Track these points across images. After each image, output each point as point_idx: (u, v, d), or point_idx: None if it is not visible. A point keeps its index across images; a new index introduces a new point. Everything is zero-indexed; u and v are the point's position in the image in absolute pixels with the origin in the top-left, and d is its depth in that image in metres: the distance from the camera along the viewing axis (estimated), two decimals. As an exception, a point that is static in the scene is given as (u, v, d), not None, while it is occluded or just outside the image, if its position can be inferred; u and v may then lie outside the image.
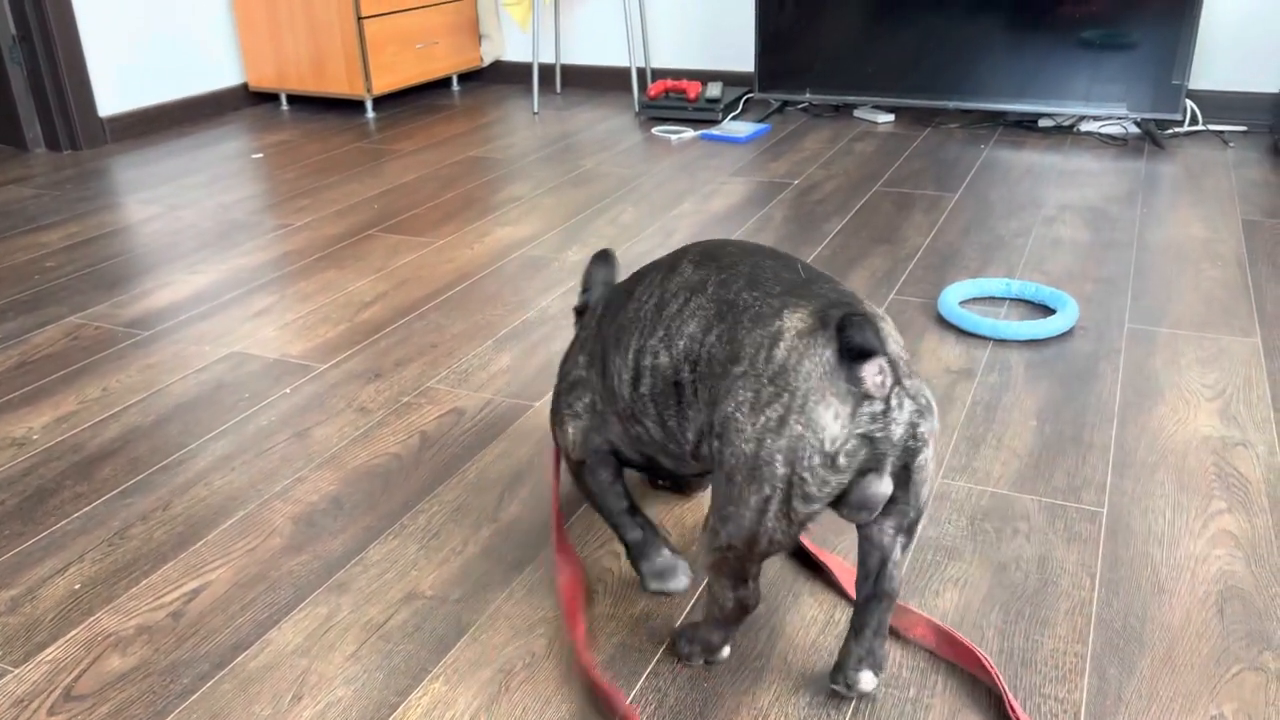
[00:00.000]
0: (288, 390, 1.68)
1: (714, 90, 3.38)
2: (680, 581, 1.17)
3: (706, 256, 1.05)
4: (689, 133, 3.23)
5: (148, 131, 3.42)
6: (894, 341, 0.93)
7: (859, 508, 0.91)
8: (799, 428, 0.87)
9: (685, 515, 1.34)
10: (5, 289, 2.14)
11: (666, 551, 1.18)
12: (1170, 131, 3.09)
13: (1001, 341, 1.78)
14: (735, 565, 0.96)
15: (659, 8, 3.77)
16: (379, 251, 2.30)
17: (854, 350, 0.86)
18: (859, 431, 0.87)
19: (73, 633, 1.15)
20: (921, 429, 0.90)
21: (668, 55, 3.82)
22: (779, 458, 0.88)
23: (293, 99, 3.83)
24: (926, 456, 0.92)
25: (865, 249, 2.22)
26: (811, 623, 1.14)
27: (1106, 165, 2.80)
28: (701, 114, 3.35)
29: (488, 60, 4.04)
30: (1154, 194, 2.54)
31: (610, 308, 1.15)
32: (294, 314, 1.98)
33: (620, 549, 1.27)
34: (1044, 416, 1.54)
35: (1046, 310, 1.90)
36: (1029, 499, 1.35)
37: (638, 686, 1.05)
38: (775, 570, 1.22)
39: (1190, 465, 1.41)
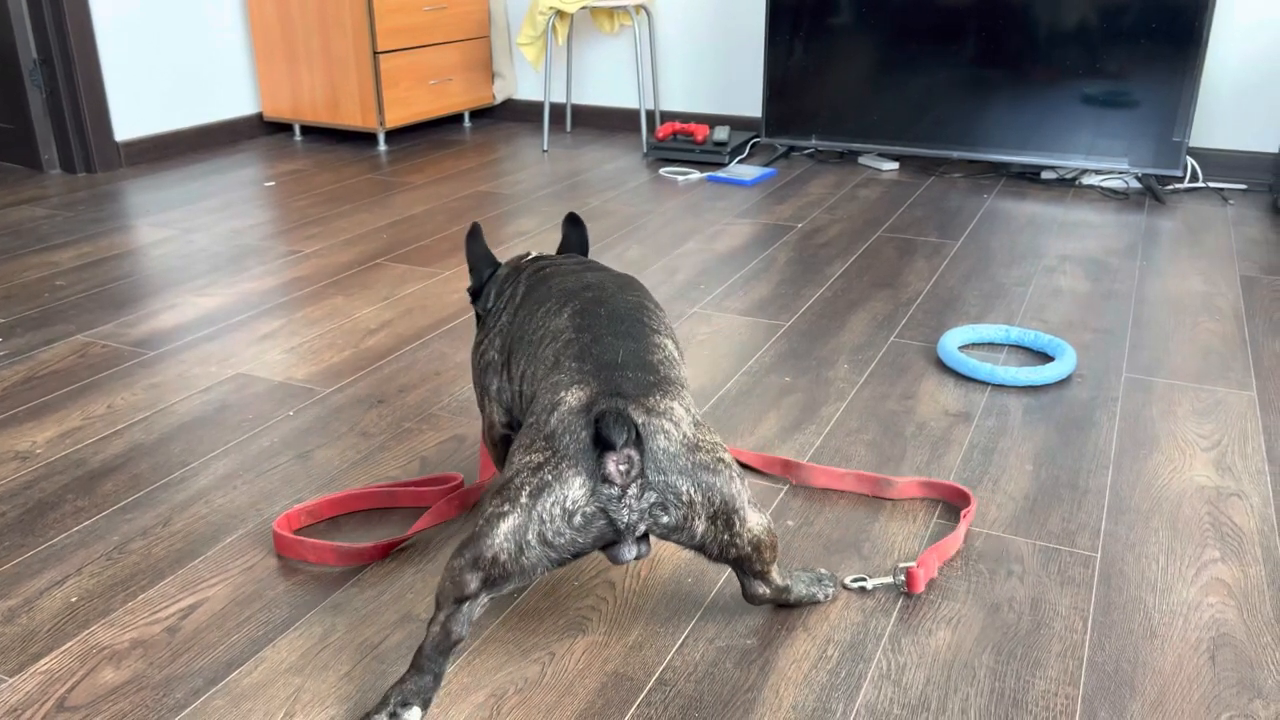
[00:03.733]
0: (291, 413, 1.70)
1: (721, 134, 3.43)
2: None
3: (582, 312, 1.21)
4: (695, 174, 3.28)
5: (162, 157, 3.47)
6: (666, 439, 1.05)
7: (613, 561, 1.07)
8: (550, 477, 1.03)
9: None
10: (16, 306, 2.17)
11: None
12: (1171, 187, 3.13)
13: (1000, 387, 1.79)
14: (460, 580, 1.04)
15: (669, 52, 3.84)
16: (386, 280, 2.33)
17: (601, 441, 1.01)
18: (596, 505, 1.02)
19: (68, 645, 1.16)
20: (664, 519, 1.04)
21: (677, 98, 3.88)
22: (525, 491, 1.03)
23: (306, 130, 3.88)
24: (689, 534, 1.06)
25: (867, 293, 2.25)
26: (804, 658, 1.14)
27: (1107, 218, 2.83)
28: (708, 156, 3.40)
29: (500, 98, 4.10)
30: (1154, 247, 2.57)
31: (520, 310, 1.30)
32: (300, 338, 2.00)
33: (615, 579, 1.27)
34: (1040, 461, 1.55)
35: (1045, 358, 1.92)
36: (1023, 542, 1.35)
37: (629, 715, 1.06)
38: (769, 607, 1.22)
39: (1185, 514, 1.42)
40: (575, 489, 1.02)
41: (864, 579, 1.26)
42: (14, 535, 1.36)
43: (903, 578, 1.25)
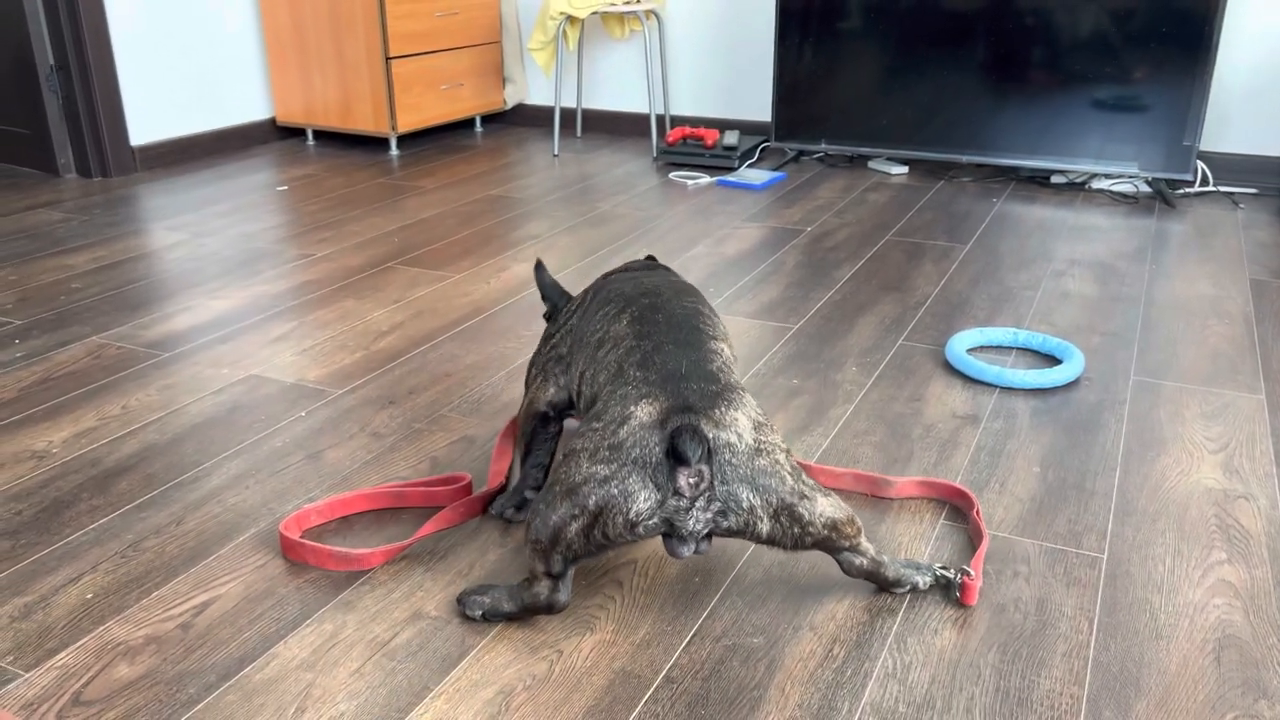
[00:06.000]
0: (303, 414, 1.71)
1: (731, 138, 3.44)
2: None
3: (640, 319, 1.27)
4: (705, 179, 3.29)
5: (177, 161, 3.50)
6: (732, 452, 1.10)
7: (672, 555, 1.13)
8: (615, 490, 1.08)
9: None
10: (32, 308, 2.19)
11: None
12: (1181, 191, 3.13)
13: (1007, 389, 1.80)
14: (542, 556, 1.14)
15: (680, 57, 3.85)
16: (397, 283, 2.34)
17: (675, 456, 1.06)
18: (662, 515, 1.08)
19: (83, 640, 1.17)
20: (725, 524, 1.10)
21: (687, 103, 3.89)
22: (593, 498, 1.09)
23: (319, 134, 3.91)
24: (755, 533, 1.12)
25: (875, 296, 2.26)
26: (810, 656, 1.15)
27: (1117, 222, 2.83)
28: (718, 161, 3.41)
29: (511, 103, 4.13)
30: (1163, 251, 2.57)
31: (585, 314, 1.39)
32: (312, 340, 2.02)
33: (623, 578, 1.28)
34: (1047, 463, 1.56)
35: (1053, 360, 1.92)
36: (1030, 543, 1.36)
37: (636, 712, 1.07)
38: (776, 603, 1.23)
39: (1192, 516, 1.42)
40: (640, 503, 1.08)
41: (948, 567, 1.28)
42: (30, 533, 1.38)
43: (958, 590, 1.24)
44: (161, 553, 1.34)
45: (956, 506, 1.44)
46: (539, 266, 1.55)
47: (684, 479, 1.07)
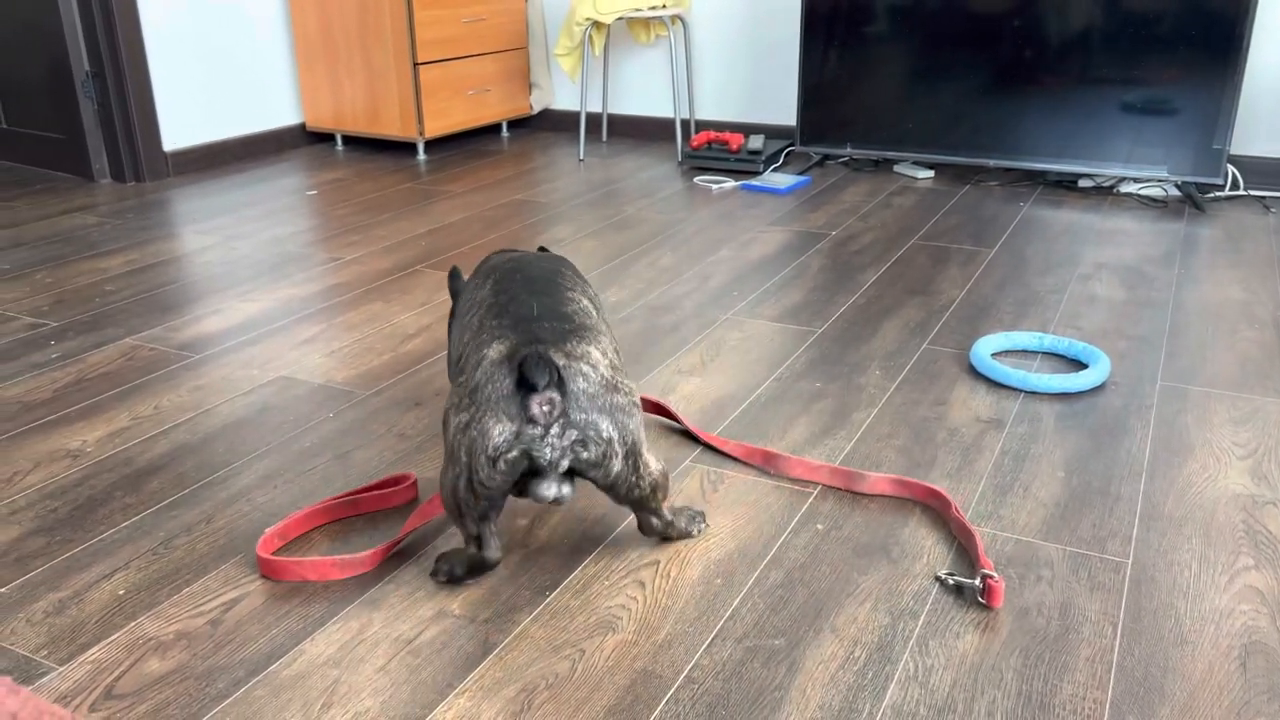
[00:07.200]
0: (331, 415, 1.74)
1: (756, 142, 3.44)
2: None
3: (500, 281, 1.32)
4: (730, 183, 3.30)
5: (208, 166, 3.55)
6: (585, 380, 1.15)
7: (536, 499, 1.18)
8: (475, 432, 1.13)
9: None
10: (67, 310, 2.23)
11: None
12: (1211, 195, 3.10)
13: (1032, 394, 1.79)
14: (457, 521, 1.22)
15: (705, 61, 3.86)
16: (424, 286, 2.37)
17: (525, 384, 1.10)
18: (520, 446, 1.13)
19: (115, 635, 1.20)
20: (585, 455, 1.15)
21: (712, 107, 3.90)
22: (463, 449, 1.14)
23: (348, 140, 3.95)
24: (605, 470, 1.17)
25: (900, 300, 2.25)
26: (831, 658, 1.15)
27: (1145, 226, 2.81)
28: (743, 165, 3.41)
29: (537, 108, 4.15)
30: (1192, 256, 2.55)
31: (464, 298, 1.42)
32: (340, 343, 2.04)
33: (645, 579, 1.29)
34: (1072, 468, 1.55)
35: (1079, 365, 1.91)
36: (1053, 547, 1.35)
37: (657, 712, 1.08)
38: (798, 605, 1.24)
39: (1218, 521, 1.41)
40: (495, 437, 1.12)
41: (954, 573, 1.28)
42: (65, 530, 1.41)
43: (980, 594, 1.24)
44: (192, 550, 1.36)
45: (952, 506, 1.44)
46: (453, 275, 1.53)
47: (535, 406, 1.11)
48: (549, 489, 1.16)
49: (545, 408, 1.11)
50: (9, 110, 3.57)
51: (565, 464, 1.14)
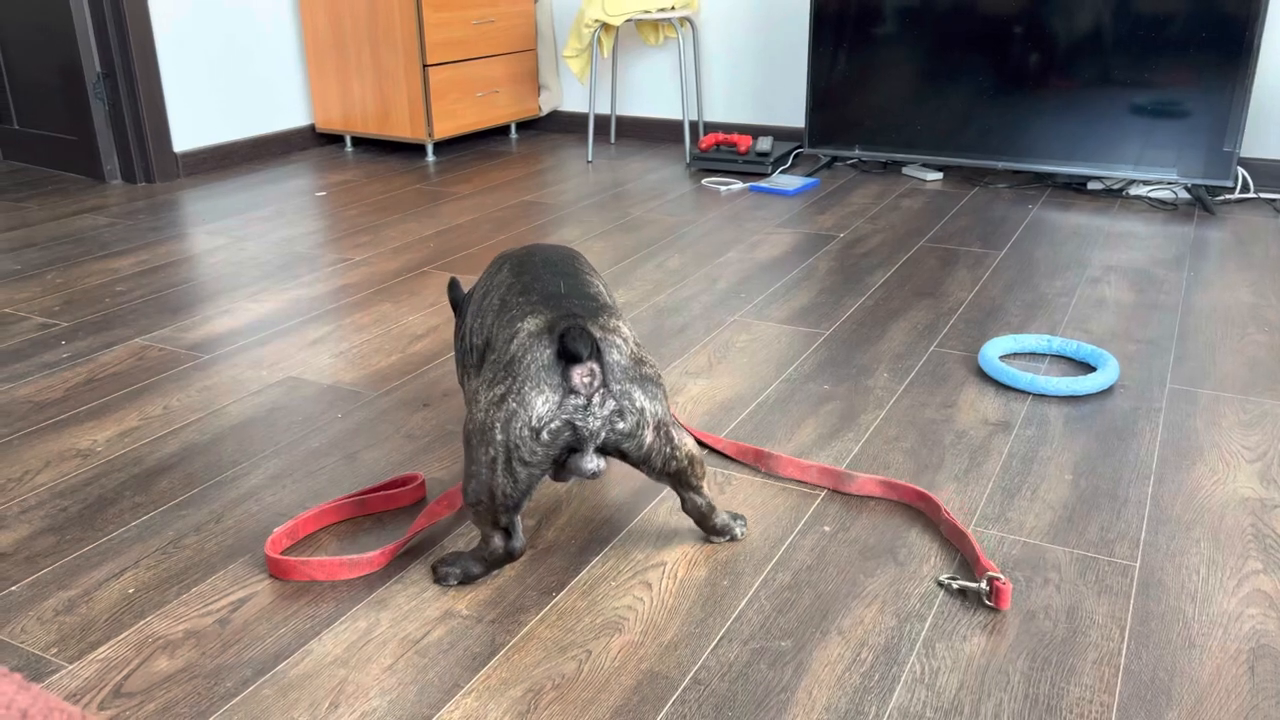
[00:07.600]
0: (339, 415, 1.74)
1: (764, 144, 3.44)
2: None
3: (519, 264, 1.34)
4: (738, 185, 3.30)
5: (218, 167, 3.57)
6: (619, 353, 1.16)
7: (574, 474, 1.19)
8: (514, 405, 1.12)
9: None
10: (78, 310, 2.25)
11: None
12: (1221, 198, 3.09)
13: (1040, 396, 1.79)
14: (487, 515, 1.19)
15: (713, 63, 3.86)
16: (433, 288, 2.37)
17: (566, 355, 1.11)
18: (563, 417, 1.13)
19: (124, 634, 1.20)
20: (620, 425, 1.15)
21: (720, 109, 3.90)
22: (498, 425, 1.13)
23: (357, 141, 3.97)
24: (639, 442, 1.18)
25: (908, 302, 2.25)
26: (837, 660, 1.15)
27: (1155, 229, 2.80)
28: (751, 167, 3.41)
29: (545, 110, 4.16)
30: (1202, 259, 2.54)
31: (477, 292, 1.42)
32: (348, 343, 2.05)
33: (651, 580, 1.29)
34: (1080, 471, 1.55)
35: (1087, 368, 1.91)
36: (1061, 550, 1.35)
37: (663, 712, 1.08)
38: (804, 606, 1.24)
39: (1227, 525, 1.41)
40: (539, 406, 1.12)
41: (957, 577, 1.28)
42: (75, 529, 1.42)
43: (987, 597, 1.24)
44: (201, 549, 1.37)
45: (952, 510, 1.44)
46: (453, 285, 1.52)
47: (578, 376, 1.12)
48: (590, 462, 1.16)
49: (587, 379, 1.13)
50: (21, 111, 3.59)
51: (603, 435, 1.15)
